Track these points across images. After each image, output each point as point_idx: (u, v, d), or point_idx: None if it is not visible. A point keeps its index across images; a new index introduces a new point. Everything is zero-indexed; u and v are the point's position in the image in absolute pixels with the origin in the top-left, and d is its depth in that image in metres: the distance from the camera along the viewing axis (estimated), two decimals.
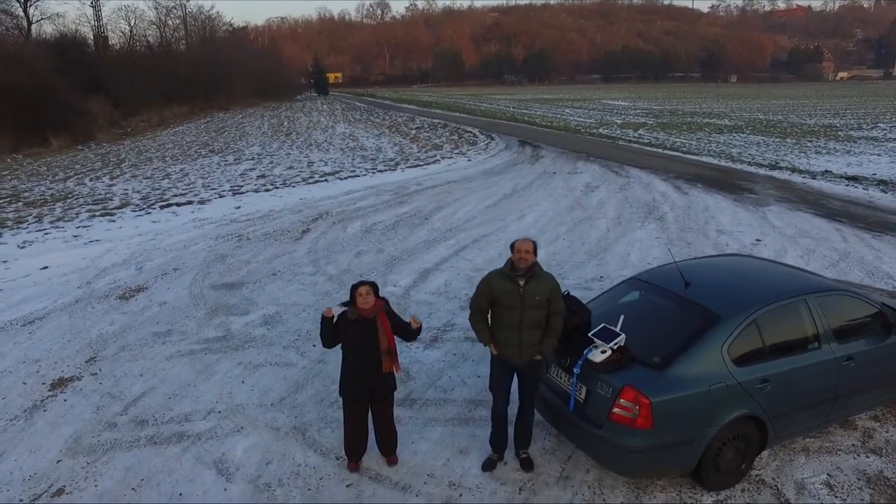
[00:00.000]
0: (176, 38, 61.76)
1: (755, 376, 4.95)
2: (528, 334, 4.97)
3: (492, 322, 5.11)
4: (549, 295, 4.98)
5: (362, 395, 5.11)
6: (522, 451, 5.40)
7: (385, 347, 5.02)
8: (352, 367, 5.06)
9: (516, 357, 5.03)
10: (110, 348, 7.58)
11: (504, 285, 4.98)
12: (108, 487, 5.13)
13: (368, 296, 4.96)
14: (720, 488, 5.07)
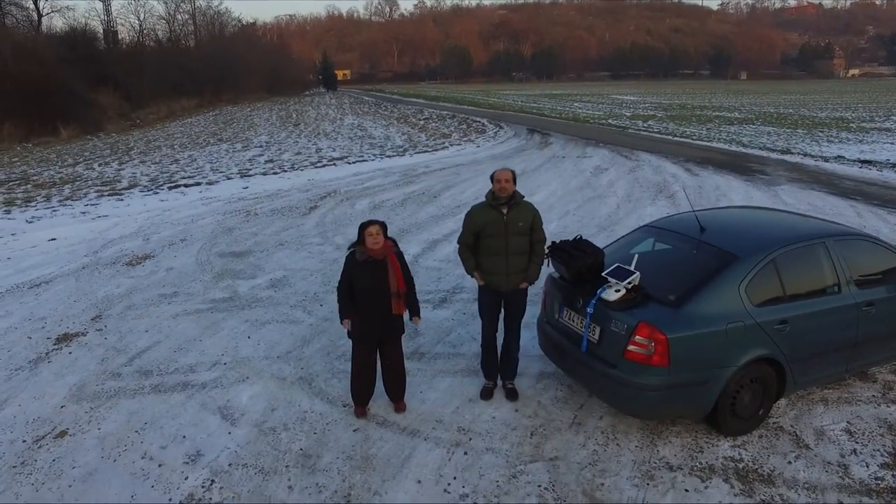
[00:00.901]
0: (185, 34, 61.88)
1: (773, 317, 4.80)
2: (513, 261, 5.09)
3: (479, 252, 5.20)
4: (532, 222, 5.13)
5: (371, 336, 5.00)
6: (508, 381, 5.51)
7: (395, 289, 4.92)
8: (360, 308, 4.94)
9: (503, 284, 5.14)
10: (116, 308, 7.51)
11: (487, 215, 5.09)
12: (110, 430, 5.05)
13: (378, 235, 4.85)
14: (737, 434, 4.94)
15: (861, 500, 4.27)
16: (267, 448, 4.80)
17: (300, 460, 4.66)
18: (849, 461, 4.70)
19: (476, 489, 4.35)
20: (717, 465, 4.62)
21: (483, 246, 5.15)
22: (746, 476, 4.50)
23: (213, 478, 4.47)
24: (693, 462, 4.65)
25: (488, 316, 5.35)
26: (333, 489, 4.35)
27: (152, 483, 4.42)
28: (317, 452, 4.75)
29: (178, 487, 4.37)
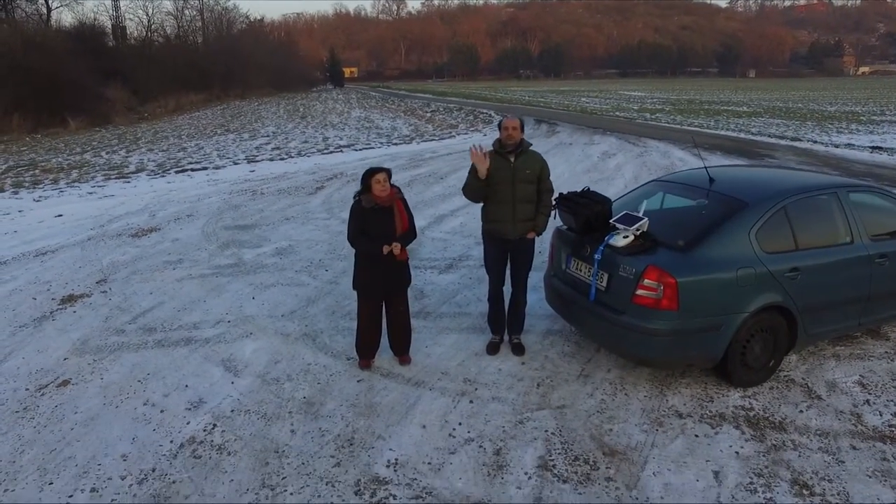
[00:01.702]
0: (193, 29, 62.04)
1: (784, 265, 4.72)
2: (520, 209, 5.03)
3: (485, 200, 5.14)
4: (539, 171, 5.06)
5: (376, 285, 4.93)
6: (515, 336, 5.44)
7: (400, 234, 4.86)
8: (366, 256, 4.89)
9: (510, 232, 5.07)
10: (121, 273, 7.49)
11: (495, 163, 5.03)
12: (113, 380, 5.01)
13: (385, 183, 4.80)
14: (747, 385, 4.86)
15: (874, 445, 4.18)
16: (270, 396, 4.75)
17: (303, 407, 4.61)
18: (861, 410, 4.61)
19: (481, 434, 4.28)
20: (728, 413, 4.54)
21: (490, 193, 5.09)
22: (757, 423, 4.42)
23: (214, 422, 4.42)
24: (703, 410, 4.57)
25: (494, 268, 5.28)
26: (336, 433, 4.30)
27: (154, 427, 4.38)
28: (320, 400, 4.70)
29: (179, 431, 4.33)
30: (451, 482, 3.82)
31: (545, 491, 3.74)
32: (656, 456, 4.07)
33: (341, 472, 3.90)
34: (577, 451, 4.12)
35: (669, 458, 4.05)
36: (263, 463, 3.99)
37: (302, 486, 3.77)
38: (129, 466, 3.96)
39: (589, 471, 3.93)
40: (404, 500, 3.66)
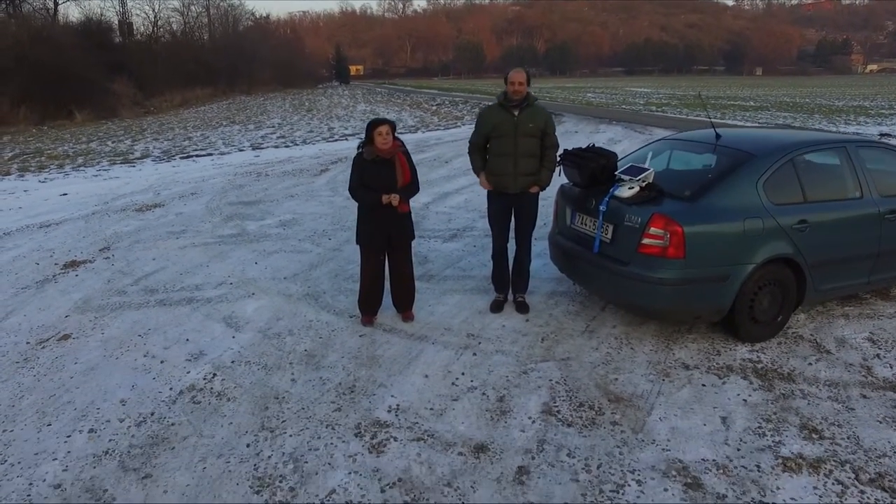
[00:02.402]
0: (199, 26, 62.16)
1: (792, 217, 4.65)
2: (522, 162, 4.96)
3: (489, 154, 5.09)
4: (544, 126, 4.99)
5: (380, 238, 4.88)
6: (519, 295, 5.39)
7: (401, 186, 4.81)
8: (368, 208, 4.84)
9: (511, 185, 5.01)
10: (124, 242, 7.47)
11: (499, 116, 4.98)
12: (114, 335, 4.98)
13: (388, 135, 4.74)
14: (755, 340, 4.78)
15: (885, 394, 4.11)
16: (271, 349, 4.71)
17: (304, 359, 4.56)
18: (872, 364, 4.53)
19: (485, 383, 4.23)
20: (735, 365, 4.48)
21: (492, 147, 5.04)
22: (765, 374, 4.35)
23: (214, 371, 4.38)
24: (710, 363, 4.50)
25: (498, 225, 5.23)
26: (337, 381, 4.25)
27: (154, 376, 4.34)
28: (321, 353, 4.65)
29: (179, 379, 4.29)
30: (453, 426, 3.76)
31: (549, 434, 3.68)
32: (662, 403, 4.00)
33: (342, 417, 3.85)
34: (582, 398, 4.06)
35: (676, 404, 3.99)
36: (263, 408, 3.94)
37: (301, 429, 3.72)
38: (127, 410, 3.92)
39: (594, 416, 3.87)
40: (405, 441, 3.60)
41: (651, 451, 3.52)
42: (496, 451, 3.52)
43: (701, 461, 3.45)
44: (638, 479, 3.30)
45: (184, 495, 3.17)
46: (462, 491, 3.20)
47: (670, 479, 3.30)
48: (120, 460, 3.45)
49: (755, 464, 3.43)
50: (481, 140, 5.08)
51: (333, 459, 3.45)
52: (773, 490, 3.22)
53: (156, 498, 3.15)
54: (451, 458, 3.46)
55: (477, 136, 5.11)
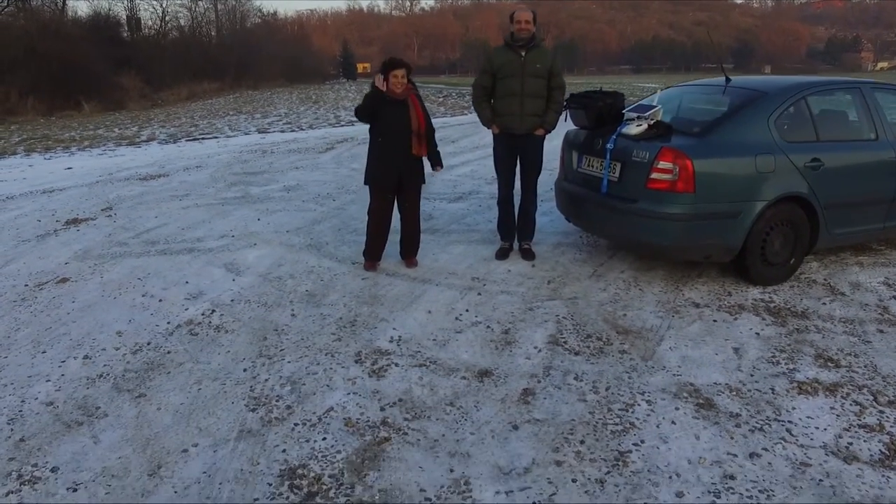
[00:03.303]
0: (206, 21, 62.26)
1: (805, 155, 4.53)
2: (529, 102, 4.87)
3: (495, 95, 4.99)
4: (551, 66, 4.89)
5: (389, 178, 4.79)
6: (525, 242, 5.30)
7: (415, 128, 4.72)
8: (381, 148, 4.77)
9: (518, 126, 4.92)
10: (127, 203, 7.41)
11: (505, 56, 4.89)
12: (113, 278, 4.90)
13: (403, 79, 4.68)
14: (767, 283, 4.66)
15: None
16: (271, 289, 4.62)
17: (305, 298, 4.47)
18: (888, 304, 4.42)
19: (489, 318, 4.13)
20: (747, 304, 4.36)
21: (499, 87, 4.93)
22: (779, 312, 4.23)
23: (213, 308, 4.30)
24: (720, 302, 4.39)
25: (504, 170, 5.13)
26: (338, 316, 4.16)
27: (151, 312, 4.26)
28: (322, 293, 4.56)
29: (177, 315, 4.21)
30: (456, 354, 3.66)
31: (555, 361, 3.58)
32: (673, 335, 3.89)
33: (342, 346, 3.76)
34: (590, 330, 3.96)
35: (686, 337, 3.88)
36: (262, 338, 3.86)
37: (300, 356, 3.63)
38: (123, 340, 3.84)
39: (602, 346, 3.76)
40: (407, 367, 3.51)
41: (661, 376, 3.42)
42: (500, 376, 3.42)
43: (713, 384, 3.33)
44: (648, 399, 3.19)
45: (177, 412, 3.08)
46: (465, 410, 3.11)
47: (682, 399, 3.19)
48: (114, 382, 3.37)
49: (769, 387, 3.31)
50: (487, 81, 4.98)
51: (332, 382, 3.36)
52: (788, 410, 3.11)
53: (149, 415, 3.06)
54: (454, 382, 3.36)
55: (483, 77, 5.01)
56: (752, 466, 2.67)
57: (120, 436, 2.90)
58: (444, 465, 2.68)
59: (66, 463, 2.71)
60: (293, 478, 2.60)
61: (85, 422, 3.01)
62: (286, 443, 2.84)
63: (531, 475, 2.62)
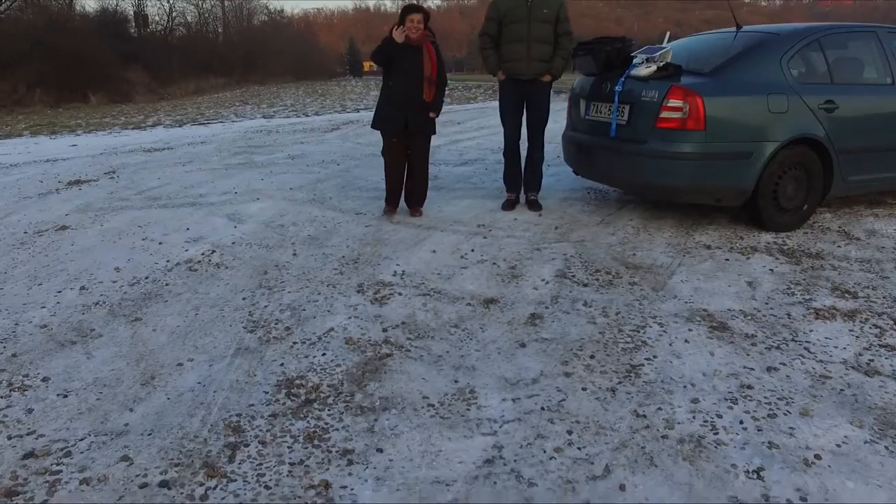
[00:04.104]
0: (213, 18, 62.35)
1: (819, 97, 4.41)
2: (535, 48, 4.78)
3: (501, 42, 4.90)
4: (558, 12, 4.79)
5: (396, 120, 4.71)
6: (531, 193, 5.19)
7: (428, 74, 4.65)
8: (391, 91, 4.74)
9: (524, 70, 4.82)
10: (130, 168, 7.35)
11: (511, 2, 4.80)
12: (113, 226, 4.83)
13: (420, 24, 4.61)
14: (779, 229, 4.54)
15: None
16: (273, 234, 4.54)
17: (307, 241, 4.39)
18: None
19: (495, 257, 4.03)
20: (760, 246, 4.25)
21: (505, 33, 4.84)
22: (793, 253, 4.12)
23: (214, 249, 4.22)
24: (732, 245, 4.28)
25: (510, 117, 5.03)
26: (341, 255, 4.08)
27: (150, 253, 4.19)
28: (325, 237, 4.48)
29: (176, 255, 4.13)
30: (461, 286, 3.57)
31: (563, 291, 3.48)
32: (684, 271, 3.79)
33: (344, 279, 3.67)
34: (599, 266, 3.86)
35: (698, 272, 3.77)
36: (262, 272, 3.78)
37: (301, 287, 3.55)
38: (121, 275, 3.76)
39: (611, 279, 3.66)
40: (410, 296, 3.41)
41: (673, 304, 3.31)
42: (507, 303, 3.32)
43: (727, 310, 3.23)
44: (660, 322, 3.09)
45: (173, 333, 3.00)
46: (470, 331, 3.01)
47: (695, 322, 3.09)
48: (110, 309, 3.29)
49: (785, 313, 3.21)
50: (493, 28, 4.89)
51: (333, 308, 3.27)
52: (805, 332, 2.99)
53: (143, 336, 2.98)
54: (459, 308, 3.27)
55: (488, 25, 4.92)
56: (770, 378, 2.57)
57: (113, 352, 2.82)
58: (449, 377, 2.59)
59: (57, 374, 2.63)
60: (290, 387, 2.52)
61: (79, 341, 2.93)
62: (284, 358, 2.75)
63: (539, 385, 2.52)
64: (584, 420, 2.28)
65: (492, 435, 2.19)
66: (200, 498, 1.89)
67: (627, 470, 2.00)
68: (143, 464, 2.05)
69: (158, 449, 2.13)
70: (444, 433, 2.20)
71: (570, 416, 2.30)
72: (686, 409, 2.34)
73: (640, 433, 2.20)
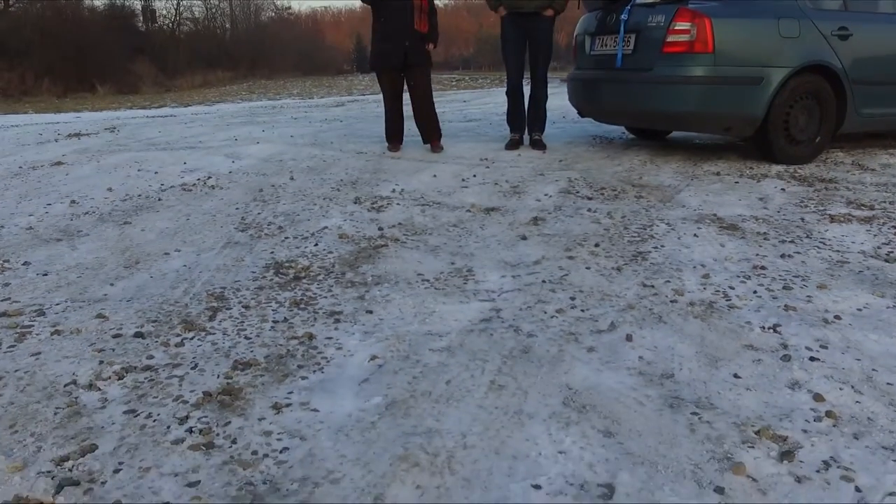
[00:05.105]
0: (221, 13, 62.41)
1: (832, 23, 4.26)
2: None
3: None
4: None
5: (395, 55, 4.60)
6: (536, 133, 5.04)
7: (417, 3, 4.52)
8: (384, 26, 4.64)
9: (526, 4, 4.67)
10: (132, 125, 7.28)
11: None
12: (109, 162, 4.73)
13: None
14: (790, 160, 4.38)
15: None
16: (271, 167, 4.44)
17: (305, 170, 4.29)
18: None
19: (497, 180, 3.91)
20: (771, 173, 4.11)
21: None
22: (805, 179, 3.98)
23: (210, 176, 4.11)
24: (742, 172, 4.13)
25: (512, 54, 4.88)
26: (338, 180, 3.97)
27: (145, 180, 4.08)
28: (324, 168, 4.37)
29: (171, 181, 4.02)
30: (461, 199, 3.46)
31: (567, 202, 3.35)
32: (693, 189, 3.66)
33: (341, 195, 3.57)
34: (604, 185, 3.74)
35: (708, 190, 3.65)
36: (257, 190, 3.68)
37: (296, 201, 3.44)
38: (113, 194, 3.67)
39: (617, 194, 3.54)
40: (408, 205, 3.29)
41: (681, 211, 3.19)
42: (508, 210, 3.20)
43: (738, 215, 3.10)
44: (667, 223, 2.96)
45: (162, 232, 2.90)
46: (469, 229, 2.89)
47: (704, 224, 2.96)
48: (99, 216, 3.20)
49: (799, 217, 3.08)
50: None
51: (328, 213, 3.17)
52: (820, 232, 2.86)
53: (131, 235, 2.88)
54: (459, 213, 3.16)
55: None
56: (784, 262, 2.44)
57: (98, 245, 2.72)
58: (445, 261, 2.47)
59: (39, 261, 2.53)
60: (279, 269, 2.40)
61: (64, 239, 2.84)
62: (275, 249, 2.65)
63: (540, 265, 2.41)
64: (587, 290, 2.16)
65: (490, 301, 2.08)
66: (176, 345, 1.78)
67: (634, 325, 1.88)
68: (119, 320, 1.95)
69: (136, 310, 2.02)
70: (439, 299, 2.09)
71: (572, 287, 2.18)
72: (696, 282, 2.21)
73: (648, 299, 2.07)
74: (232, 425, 1.39)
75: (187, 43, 48.74)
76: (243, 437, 1.35)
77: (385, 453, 1.28)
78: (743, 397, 1.49)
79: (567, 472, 1.22)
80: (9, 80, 28.70)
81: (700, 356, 1.69)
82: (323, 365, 1.66)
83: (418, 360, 1.67)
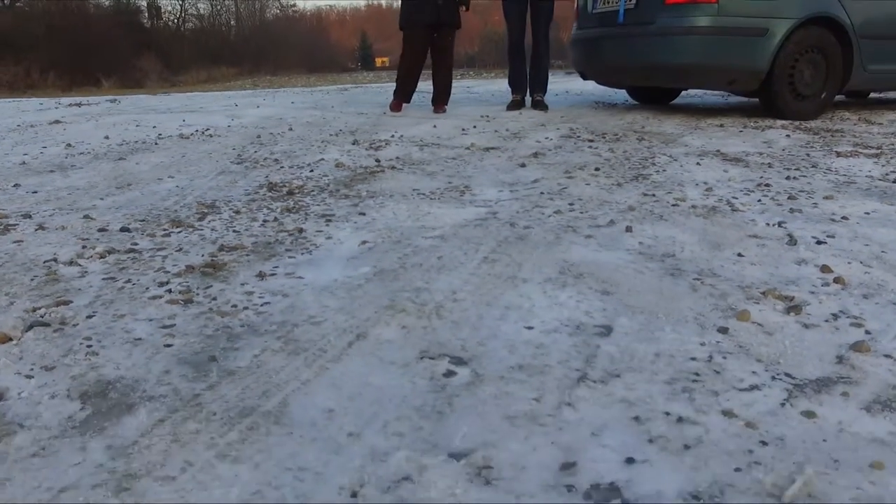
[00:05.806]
0: (226, 10, 62.52)
1: None
2: None
3: None
4: None
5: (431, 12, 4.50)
6: (537, 94, 4.99)
7: None
8: None
9: None
10: (133, 100, 7.24)
11: None
12: (107, 122, 4.69)
13: None
14: (796, 116, 4.30)
15: None
16: (270, 123, 4.39)
17: (304, 124, 4.24)
18: None
19: (497, 130, 3.85)
20: (776, 125, 4.03)
21: None
22: (811, 129, 3.91)
23: (207, 129, 4.06)
24: (746, 124, 4.06)
25: (513, 15, 4.84)
26: (337, 129, 3.93)
27: (143, 132, 4.04)
28: (322, 124, 4.32)
29: (169, 133, 3.98)
30: (461, 142, 3.39)
31: (568, 143, 3.29)
32: (696, 135, 3.59)
33: (338, 139, 3.51)
34: (605, 131, 3.67)
35: (711, 135, 3.58)
36: (255, 136, 3.63)
37: (294, 143, 3.38)
38: (110, 141, 3.62)
39: (618, 138, 3.47)
40: (407, 145, 3.24)
41: (683, 148, 3.12)
42: (508, 149, 3.14)
43: (742, 152, 3.03)
44: (669, 156, 2.90)
45: (156, 165, 2.85)
46: (468, 161, 2.84)
47: (707, 157, 2.90)
48: (94, 155, 3.15)
49: (805, 154, 3.00)
50: None
51: (326, 151, 3.11)
52: (826, 163, 2.79)
53: (126, 167, 2.83)
54: (458, 151, 3.10)
55: None
56: (790, 182, 2.38)
57: (91, 174, 2.67)
58: (443, 182, 2.42)
59: (30, 185, 2.48)
60: (273, 187, 2.35)
61: (57, 171, 2.79)
62: (270, 174, 2.59)
63: (539, 183, 2.35)
64: (586, 198, 2.10)
65: (486, 207, 2.02)
66: (162, 236, 1.73)
67: (635, 222, 1.82)
68: (106, 220, 1.90)
69: (124, 214, 1.98)
70: (435, 204, 2.04)
71: (571, 196, 2.13)
72: (699, 193, 2.16)
73: (649, 204, 2.02)
74: (213, 288, 1.34)
75: (192, 40, 48.86)
76: (224, 296, 1.30)
77: (370, 305, 1.23)
78: (747, 269, 1.43)
79: (563, 317, 1.17)
80: (15, 74, 28.80)
81: (702, 242, 1.63)
82: (311, 249, 1.61)
83: (410, 243, 1.62)
